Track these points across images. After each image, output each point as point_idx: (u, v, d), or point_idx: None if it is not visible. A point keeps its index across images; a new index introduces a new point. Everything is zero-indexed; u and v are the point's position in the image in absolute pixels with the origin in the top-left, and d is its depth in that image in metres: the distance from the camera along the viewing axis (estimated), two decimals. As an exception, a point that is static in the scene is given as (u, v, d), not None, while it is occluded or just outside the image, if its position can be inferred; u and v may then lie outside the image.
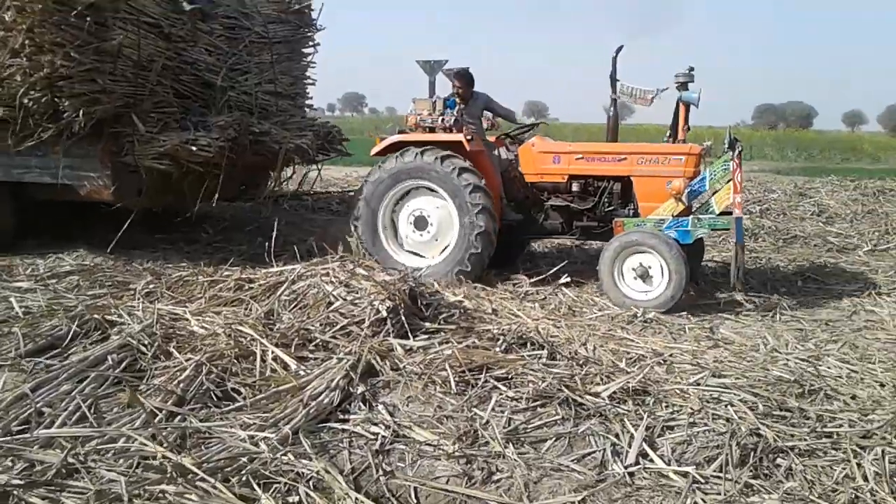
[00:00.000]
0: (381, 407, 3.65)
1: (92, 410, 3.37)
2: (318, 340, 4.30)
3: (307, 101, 9.20)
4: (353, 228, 6.65)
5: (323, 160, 8.52)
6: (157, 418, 3.33)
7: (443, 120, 6.59)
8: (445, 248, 6.53)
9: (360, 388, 3.76)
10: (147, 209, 7.23)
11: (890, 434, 3.43)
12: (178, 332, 4.34)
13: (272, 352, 4.06)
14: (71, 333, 4.27)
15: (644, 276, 5.90)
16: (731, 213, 5.93)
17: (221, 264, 6.30)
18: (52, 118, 6.23)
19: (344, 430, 3.41)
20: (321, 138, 8.28)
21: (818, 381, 4.13)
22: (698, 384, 4.01)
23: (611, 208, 6.62)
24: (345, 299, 4.67)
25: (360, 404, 3.67)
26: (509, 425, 3.50)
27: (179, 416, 3.41)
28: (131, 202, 6.77)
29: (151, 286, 5.44)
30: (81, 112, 6.08)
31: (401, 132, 6.80)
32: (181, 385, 3.60)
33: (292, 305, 4.80)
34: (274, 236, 5.97)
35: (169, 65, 6.91)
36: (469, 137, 6.48)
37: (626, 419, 3.54)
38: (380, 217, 6.61)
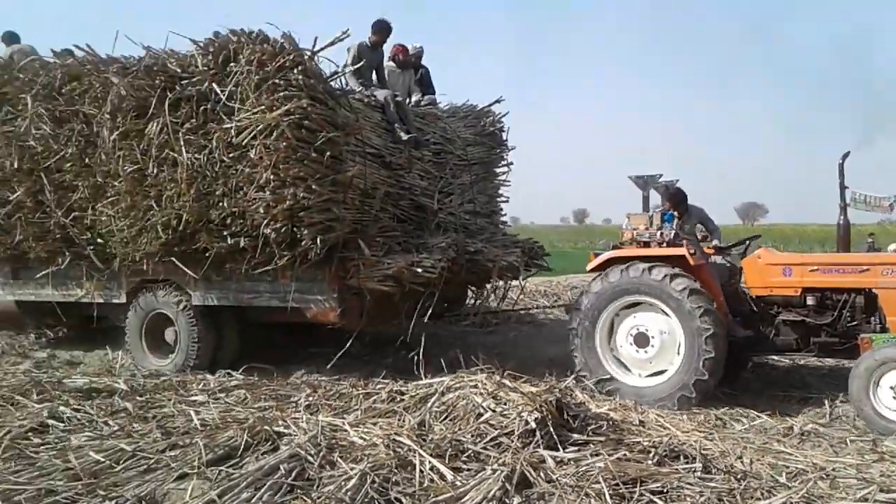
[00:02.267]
0: (538, 519, 3.71)
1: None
2: (470, 451, 4.44)
3: (502, 218, 9.66)
4: (570, 338, 6.62)
5: (527, 276, 8.86)
6: (331, 525, 3.55)
7: (661, 234, 6.55)
8: (659, 372, 6.33)
9: (516, 500, 3.85)
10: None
11: None
12: (340, 442, 4.61)
13: (429, 462, 4.23)
14: (244, 444, 4.63)
15: None
16: None
17: (372, 377, 6.61)
18: (289, 246, 6.63)
19: (503, 542, 3.49)
20: (526, 254, 8.63)
21: None
22: (866, 500, 3.83)
23: (853, 323, 6.23)
24: (493, 410, 4.82)
25: (518, 516, 3.75)
26: (669, 541, 3.47)
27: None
28: (354, 323, 7.06)
29: (311, 399, 5.81)
30: (318, 239, 6.49)
31: (615, 247, 6.80)
32: (349, 493, 3.82)
33: (443, 416, 4.99)
34: (421, 349, 6.24)
35: (390, 191, 7.45)
36: (692, 251, 6.39)
37: (792, 537, 3.43)
38: (597, 330, 6.48)
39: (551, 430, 4.62)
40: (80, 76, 7.57)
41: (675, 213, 6.94)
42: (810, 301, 6.34)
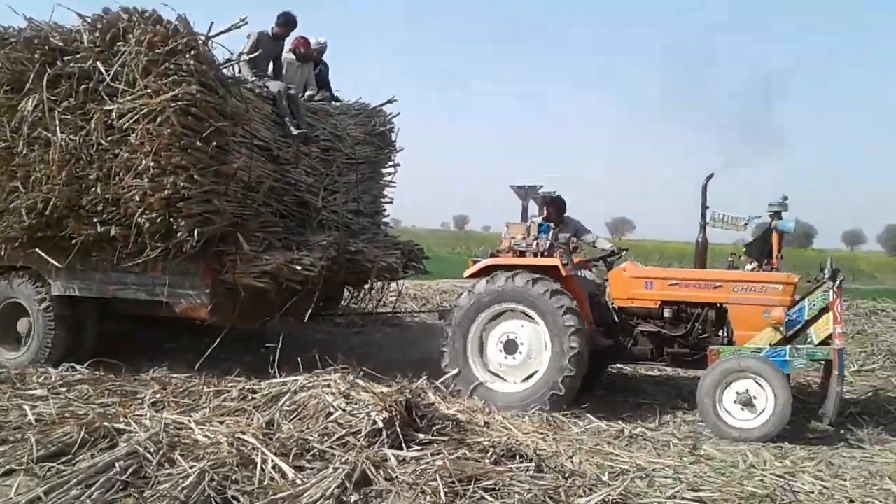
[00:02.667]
0: (372, 516, 3.83)
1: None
2: (315, 450, 4.51)
3: (384, 219, 9.67)
4: (442, 353, 6.64)
5: (405, 277, 8.91)
6: (162, 523, 3.53)
7: (537, 244, 6.68)
8: (534, 373, 6.45)
9: (354, 498, 3.95)
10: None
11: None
12: (183, 440, 4.56)
13: (271, 460, 4.27)
14: (80, 440, 4.51)
15: (747, 403, 5.84)
16: (828, 344, 5.96)
17: (227, 374, 6.54)
18: (163, 237, 6.41)
19: (337, 538, 3.58)
20: (405, 256, 8.64)
21: (789, 497, 4.31)
22: (674, 496, 4.19)
23: (704, 335, 6.61)
24: (344, 410, 4.92)
25: (353, 513, 3.86)
26: (495, 535, 3.68)
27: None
28: (225, 319, 6.92)
29: (158, 395, 5.69)
30: (196, 232, 6.29)
31: (492, 255, 6.92)
32: (185, 492, 3.81)
33: (293, 415, 5.04)
34: (279, 348, 6.23)
35: (275, 186, 7.29)
36: (565, 262, 6.59)
37: (605, 531, 3.72)
38: (469, 340, 6.58)
39: (398, 429, 4.75)
40: None
41: (552, 223, 7.13)
42: (667, 313, 6.67)
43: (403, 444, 4.65)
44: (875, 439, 6.04)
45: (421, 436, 4.89)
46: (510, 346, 6.53)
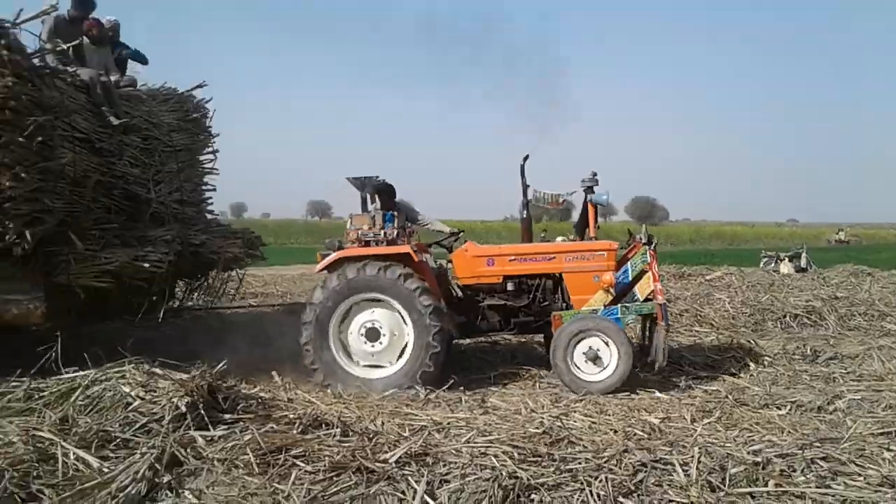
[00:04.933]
0: (187, 493, 3.94)
1: None
2: (118, 440, 4.49)
3: (208, 208, 9.34)
4: (304, 352, 6.62)
5: (245, 266, 8.78)
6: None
7: (385, 234, 6.80)
8: (402, 353, 6.61)
9: (166, 478, 4.03)
10: None
11: (615, 465, 4.30)
12: (-31, 445, 4.32)
13: (73, 453, 4.19)
14: None
15: (595, 358, 6.42)
16: (652, 300, 6.64)
17: (7, 376, 6.11)
18: None
19: (153, 517, 3.66)
20: (245, 245, 8.45)
21: (564, 432, 4.99)
22: (468, 442, 4.70)
23: (545, 303, 7.14)
24: (143, 398, 4.91)
25: (167, 492, 3.95)
26: (309, 495, 3.94)
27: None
28: (61, 323, 6.39)
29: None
30: (28, 233, 5.85)
31: (340, 248, 6.88)
32: (-18, 492, 3.66)
33: (89, 409, 4.94)
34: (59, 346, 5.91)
35: (101, 180, 6.86)
36: (415, 249, 6.78)
37: (409, 478, 4.10)
38: (330, 336, 6.61)
39: (202, 412, 4.84)
40: None
41: (393, 211, 7.18)
42: (510, 287, 7.15)
43: (210, 426, 4.74)
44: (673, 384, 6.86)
45: (227, 416, 5.01)
46: (372, 334, 6.63)
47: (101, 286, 6.42)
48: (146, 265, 6.59)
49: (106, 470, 4.05)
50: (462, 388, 6.52)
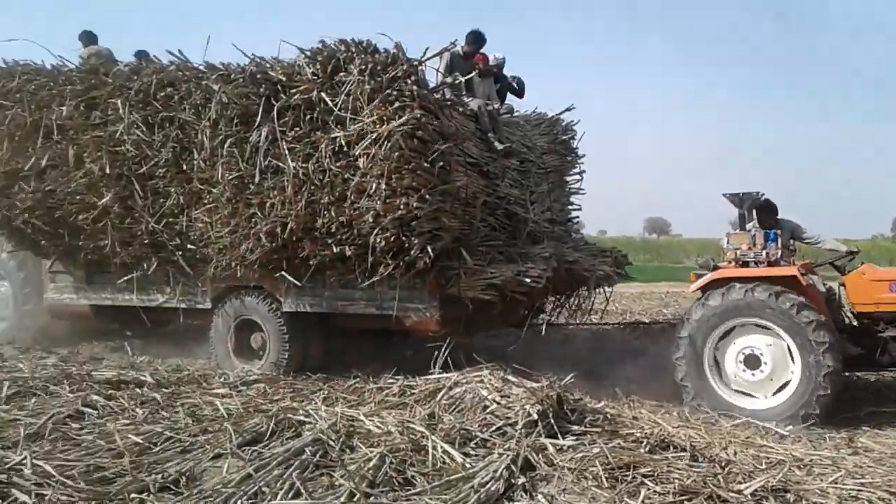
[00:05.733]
0: (540, 497, 4.12)
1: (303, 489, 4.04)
2: (477, 439, 4.86)
3: (576, 227, 9.95)
4: (675, 368, 6.48)
5: (613, 284, 9.14)
6: (356, 497, 3.96)
7: (767, 254, 6.46)
8: (782, 387, 6.18)
9: (521, 480, 4.26)
10: None
11: None
12: (357, 429, 5.03)
13: (440, 447, 4.64)
14: (270, 430, 5.05)
15: None
16: None
17: (384, 373, 6.99)
18: (395, 255, 6.61)
19: (510, 515, 3.90)
20: (614, 263, 8.86)
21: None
22: (836, 482, 4.25)
23: None
24: (499, 403, 5.26)
25: (522, 493, 4.16)
26: (659, 516, 3.88)
27: (372, 497, 4.02)
28: (453, 332, 6.97)
29: (326, 392, 6.23)
30: (428, 248, 6.49)
31: (715, 267, 6.68)
32: (370, 472, 4.23)
33: (451, 408, 5.42)
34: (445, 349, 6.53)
35: (487, 200, 7.59)
36: (803, 272, 6.34)
37: (768, 513, 3.85)
38: (705, 355, 6.38)
39: (552, 421, 5.04)
40: (174, 82, 7.49)
41: (777, 230, 6.76)
42: None
43: (559, 435, 4.91)
44: None
45: (574, 427, 5.15)
46: (752, 361, 6.28)
47: (486, 299, 6.84)
48: (527, 280, 6.88)
49: (468, 465, 4.41)
50: (826, 426, 5.91)
